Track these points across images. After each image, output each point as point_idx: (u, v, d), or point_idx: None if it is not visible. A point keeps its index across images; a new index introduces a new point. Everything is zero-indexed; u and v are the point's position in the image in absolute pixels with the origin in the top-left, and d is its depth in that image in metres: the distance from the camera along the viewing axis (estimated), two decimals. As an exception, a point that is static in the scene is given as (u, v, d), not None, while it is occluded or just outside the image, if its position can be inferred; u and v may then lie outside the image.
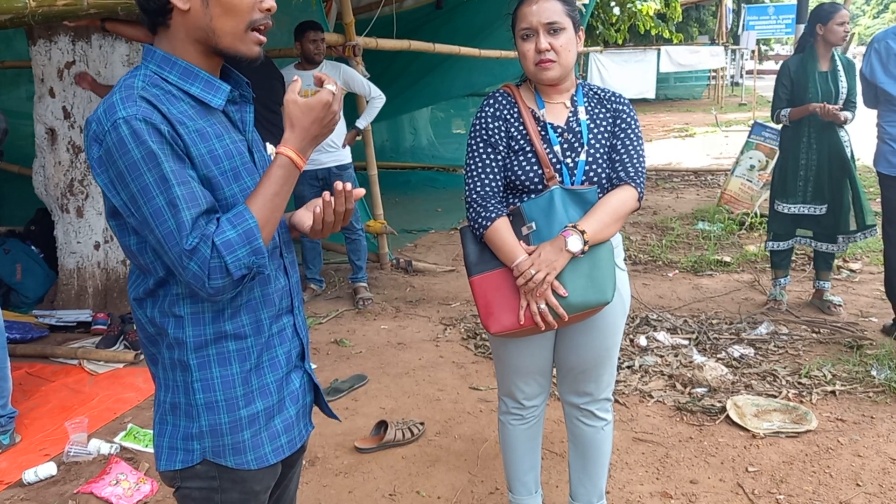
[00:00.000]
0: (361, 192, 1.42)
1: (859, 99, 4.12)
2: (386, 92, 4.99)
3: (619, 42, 14.86)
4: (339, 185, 1.37)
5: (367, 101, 4.91)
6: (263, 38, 1.36)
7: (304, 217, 1.48)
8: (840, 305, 4.43)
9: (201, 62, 1.33)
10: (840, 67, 4.21)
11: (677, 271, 5.43)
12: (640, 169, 1.99)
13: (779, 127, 4.65)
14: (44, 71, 4.43)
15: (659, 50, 18.11)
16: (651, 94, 18.42)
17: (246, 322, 1.37)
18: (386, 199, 5.81)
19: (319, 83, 1.34)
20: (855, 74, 4.25)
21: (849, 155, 4.23)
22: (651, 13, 12.79)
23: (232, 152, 1.33)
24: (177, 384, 1.37)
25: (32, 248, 5.05)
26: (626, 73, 17.60)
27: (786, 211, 4.39)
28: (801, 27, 7.80)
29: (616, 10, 13.46)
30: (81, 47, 4.28)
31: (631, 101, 2.12)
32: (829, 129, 4.19)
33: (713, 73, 22.21)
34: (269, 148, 1.54)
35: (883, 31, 3.90)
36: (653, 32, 14.36)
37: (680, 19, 15.38)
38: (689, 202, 7.99)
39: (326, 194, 1.37)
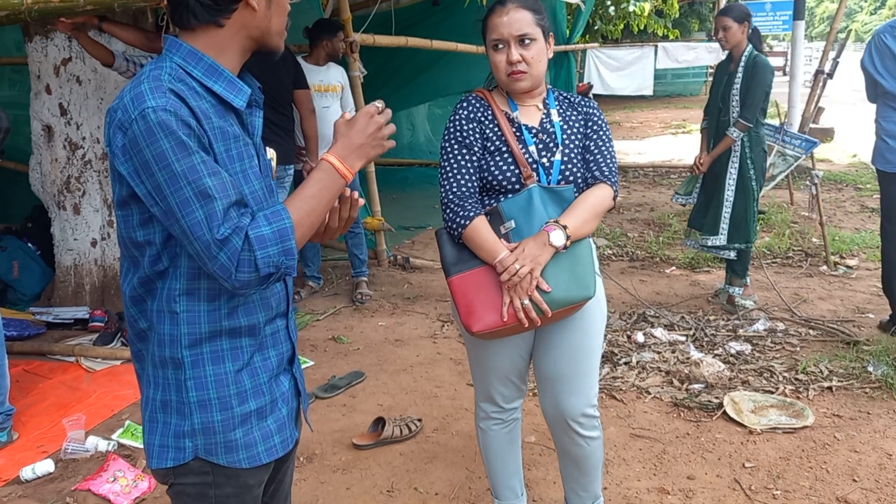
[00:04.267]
0: (361, 201, 1.46)
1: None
2: (383, 88, 5.01)
3: (617, 38, 14.87)
4: (346, 191, 1.41)
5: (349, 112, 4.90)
6: None
7: None
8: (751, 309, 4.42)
9: (232, 61, 1.35)
10: (741, 69, 4.11)
11: (674, 268, 5.44)
12: (613, 168, 2.03)
13: (774, 122, 4.66)
14: (40, 68, 4.42)
15: (656, 47, 18.09)
16: (649, 91, 18.34)
17: (242, 322, 1.37)
18: (383, 195, 5.81)
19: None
20: (754, 75, 4.05)
21: (737, 171, 4.20)
22: (645, 13, 12.79)
23: (243, 155, 1.34)
24: (168, 381, 1.36)
25: (29, 245, 5.05)
26: (624, 69, 17.57)
27: (682, 202, 4.67)
28: (800, 23, 7.77)
29: (612, 10, 13.47)
30: (78, 44, 4.27)
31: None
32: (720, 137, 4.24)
33: (710, 70, 22.18)
34: (270, 153, 1.54)
35: (882, 26, 3.90)
36: (648, 30, 14.36)
37: (677, 15, 15.38)
38: (686, 199, 7.97)
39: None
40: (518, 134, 2.00)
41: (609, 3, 13.11)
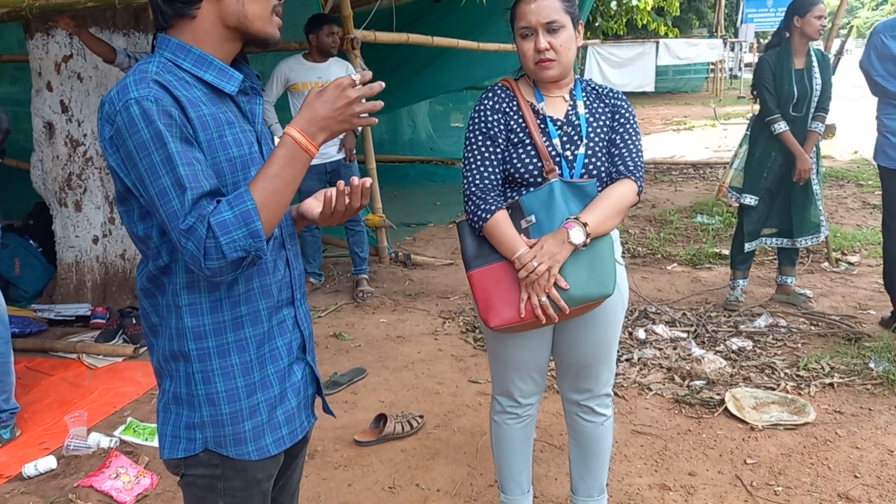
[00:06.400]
0: (369, 180, 1.43)
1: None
2: (385, 85, 4.97)
3: (620, 34, 14.86)
4: (355, 179, 1.39)
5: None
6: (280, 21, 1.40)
7: (314, 205, 1.50)
8: (811, 298, 4.43)
9: (220, 51, 1.35)
10: (815, 64, 4.08)
11: (676, 264, 5.44)
12: (639, 163, 1.99)
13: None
14: (41, 65, 4.42)
15: (657, 43, 18.07)
16: (650, 88, 18.38)
17: (244, 313, 1.37)
18: (384, 192, 5.81)
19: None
20: (829, 69, 4.13)
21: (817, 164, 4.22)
22: (648, 6, 12.77)
23: (241, 141, 1.35)
24: (179, 374, 1.38)
25: (31, 242, 5.05)
26: (625, 66, 17.58)
27: (753, 203, 4.33)
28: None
29: (613, 5, 13.45)
30: (79, 41, 4.26)
31: (630, 94, 2.12)
32: (799, 134, 4.10)
33: (712, 66, 22.17)
34: (277, 141, 1.55)
35: (882, 24, 3.88)
36: (649, 28, 14.34)
37: (677, 13, 15.36)
38: (687, 195, 7.98)
39: (341, 183, 1.38)
40: (542, 126, 1.97)
41: (611, -1, 13.11)
